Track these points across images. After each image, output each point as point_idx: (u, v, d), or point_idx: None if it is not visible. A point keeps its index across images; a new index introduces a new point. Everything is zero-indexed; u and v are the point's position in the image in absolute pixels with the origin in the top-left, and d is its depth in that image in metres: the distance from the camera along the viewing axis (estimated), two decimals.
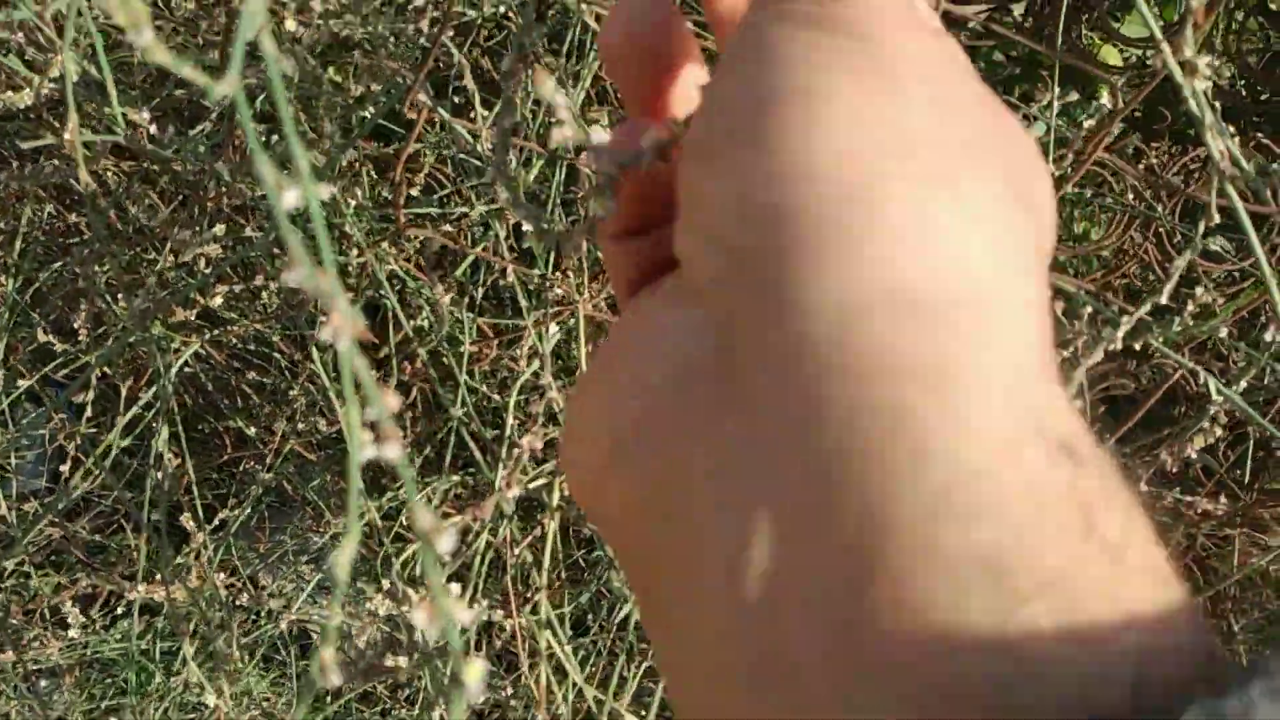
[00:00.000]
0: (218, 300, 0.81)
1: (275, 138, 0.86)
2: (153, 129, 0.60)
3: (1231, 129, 0.82)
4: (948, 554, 0.17)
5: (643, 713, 0.79)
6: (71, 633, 0.92)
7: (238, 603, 0.95)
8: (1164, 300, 0.50)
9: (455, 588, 0.79)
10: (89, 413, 0.90)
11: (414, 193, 0.99)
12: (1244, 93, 1.20)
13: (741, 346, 0.20)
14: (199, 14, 0.79)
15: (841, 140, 0.19)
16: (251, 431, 1.14)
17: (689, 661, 0.21)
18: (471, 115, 0.73)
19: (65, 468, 0.93)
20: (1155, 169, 0.81)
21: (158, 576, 0.97)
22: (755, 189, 0.20)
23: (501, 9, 0.69)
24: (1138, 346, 0.61)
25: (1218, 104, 0.90)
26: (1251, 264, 0.81)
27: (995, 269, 0.20)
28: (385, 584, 0.71)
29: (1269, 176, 0.61)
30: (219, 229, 0.80)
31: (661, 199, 0.25)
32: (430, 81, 1.02)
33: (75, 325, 0.91)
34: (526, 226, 0.42)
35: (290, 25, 0.56)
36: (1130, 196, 0.84)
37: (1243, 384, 0.68)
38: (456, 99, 0.93)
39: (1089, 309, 0.64)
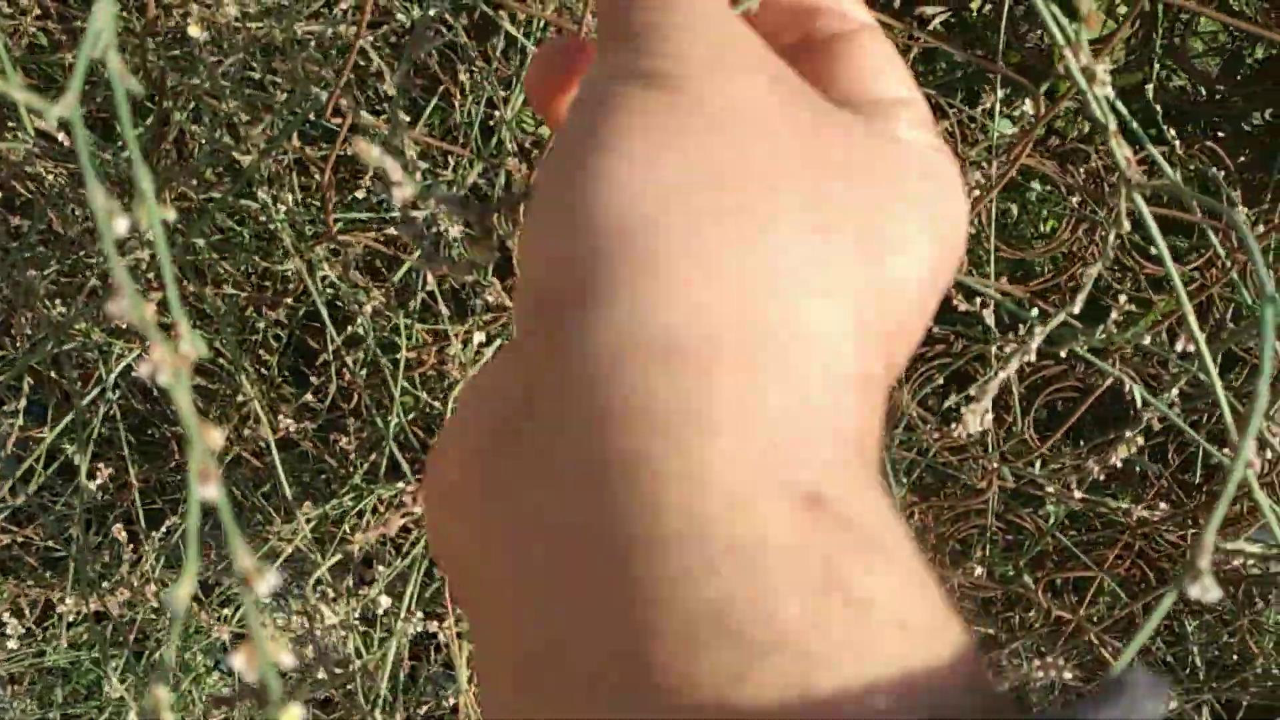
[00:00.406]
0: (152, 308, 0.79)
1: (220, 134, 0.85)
2: (60, 135, 0.59)
3: (1173, 132, 0.82)
4: (683, 610, 0.16)
5: None
6: (10, 644, 0.91)
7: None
8: (1076, 309, 0.49)
9: (386, 600, 0.77)
10: (22, 420, 0.89)
11: (359, 195, 0.98)
12: (1203, 93, 1.19)
13: (535, 399, 0.20)
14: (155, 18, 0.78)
15: (624, 189, 0.19)
16: None
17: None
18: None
19: None
20: (1098, 172, 0.81)
21: (104, 585, 0.96)
22: (547, 240, 0.20)
23: (432, 11, 0.68)
24: (1063, 353, 0.61)
25: (1158, 107, 0.90)
26: (1193, 268, 0.80)
27: (779, 306, 0.19)
28: (310, 592, 0.70)
29: (1193, 182, 0.61)
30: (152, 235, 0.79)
31: None
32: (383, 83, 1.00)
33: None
34: (416, 247, 0.42)
35: (194, 31, 0.55)
36: (1075, 200, 0.84)
37: (1175, 391, 0.67)
38: (404, 101, 0.92)
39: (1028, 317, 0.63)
